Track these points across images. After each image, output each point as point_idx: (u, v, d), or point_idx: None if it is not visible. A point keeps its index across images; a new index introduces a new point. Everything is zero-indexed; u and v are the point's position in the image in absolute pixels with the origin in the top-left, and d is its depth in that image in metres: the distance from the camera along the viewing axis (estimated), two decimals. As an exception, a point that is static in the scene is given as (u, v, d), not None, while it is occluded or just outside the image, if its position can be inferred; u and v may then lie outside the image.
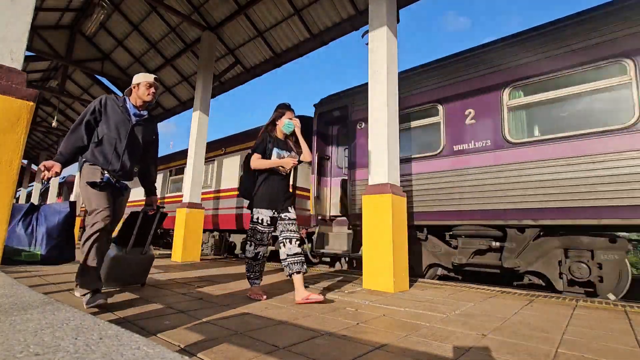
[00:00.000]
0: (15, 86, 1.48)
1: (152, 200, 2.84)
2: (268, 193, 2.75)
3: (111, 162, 2.33)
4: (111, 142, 2.35)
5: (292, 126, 2.84)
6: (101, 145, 2.33)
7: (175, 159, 10.00)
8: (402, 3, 4.72)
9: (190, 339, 1.60)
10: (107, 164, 2.32)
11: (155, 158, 2.79)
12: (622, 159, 3.31)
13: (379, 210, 3.49)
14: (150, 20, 8.04)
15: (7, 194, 1.42)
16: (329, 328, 1.89)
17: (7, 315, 0.44)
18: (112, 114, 2.39)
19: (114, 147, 2.35)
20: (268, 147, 2.79)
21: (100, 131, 2.35)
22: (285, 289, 3.17)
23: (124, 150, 2.39)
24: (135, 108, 2.49)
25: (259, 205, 2.74)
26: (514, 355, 1.53)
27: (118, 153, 2.37)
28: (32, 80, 11.22)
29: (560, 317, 2.34)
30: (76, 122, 2.30)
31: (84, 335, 0.39)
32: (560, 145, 3.67)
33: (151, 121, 2.63)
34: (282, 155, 2.81)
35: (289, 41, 6.87)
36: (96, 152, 2.32)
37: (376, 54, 3.86)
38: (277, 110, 2.93)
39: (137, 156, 2.53)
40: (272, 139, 2.84)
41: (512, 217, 3.88)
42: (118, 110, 2.42)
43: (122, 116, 2.42)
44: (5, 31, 1.52)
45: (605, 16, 3.61)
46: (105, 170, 2.31)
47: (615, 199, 3.29)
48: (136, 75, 2.53)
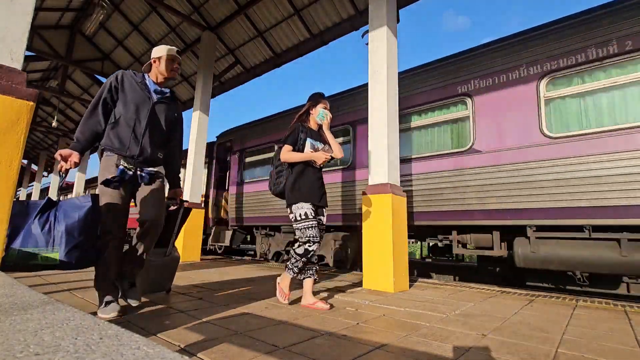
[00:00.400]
0: (15, 86, 1.48)
1: (176, 194, 2.49)
2: (306, 186, 2.51)
3: (129, 147, 2.03)
4: (129, 124, 2.04)
5: (325, 116, 2.63)
6: (117, 127, 2.03)
7: None
8: (402, 3, 4.73)
9: (190, 339, 1.60)
10: (124, 149, 2.02)
11: (180, 143, 2.43)
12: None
13: (379, 210, 3.49)
14: (150, 20, 8.05)
15: (7, 194, 1.42)
16: (329, 328, 1.89)
17: (7, 315, 0.44)
18: (130, 91, 2.08)
19: (132, 129, 2.04)
20: (300, 138, 2.57)
21: (117, 111, 2.05)
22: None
23: (144, 133, 2.07)
24: (156, 85, 2.20)
25: (300, 199, 2.47)
26: (514, 355, 1.53)
27: (137, 136, 2.05)
28: (32, 80, 11.22)
29: (560, 317, 2.34)
30: (92, 103, 2.01)
31: (84, 335, 0.39)
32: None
33: (174, 100, 2.32)
34: (316, 146, 2.59)
35: (289, 41, 6.87)
36: (112, 135, 2.02)
37: (376, 54, 3.86)
38: (312, 100, 2.73)
39: (160, 140, 2.19)
40: (305, 129, 2.63)
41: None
42: (136, 86, 2.11)
43: (141, 94, 2.11)
44: (5, 31, 1.52)
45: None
46: (121, 158, 2.01)
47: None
48: (156, 48, 2.22)
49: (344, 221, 5.42)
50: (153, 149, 2.12)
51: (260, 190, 6.87)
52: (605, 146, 3.46)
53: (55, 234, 1.81)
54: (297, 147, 2.55)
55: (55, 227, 1.82)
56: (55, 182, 14.81)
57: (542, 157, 3.79)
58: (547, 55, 3.91)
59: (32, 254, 1.75)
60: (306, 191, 2.49)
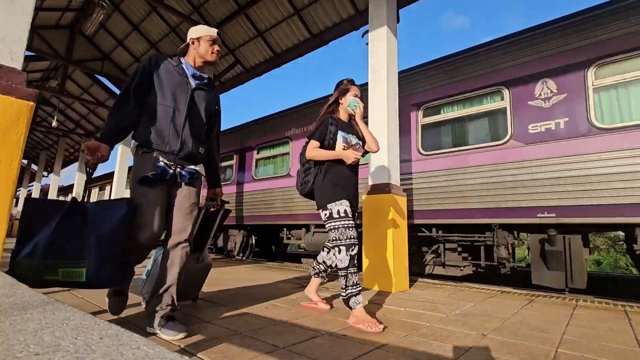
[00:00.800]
0: (15, 86, 1.48)
1: (215, 194, 2.20)
2: (338, 182, 2.21)
3: (168, 142, 1.75)
4: (167, 114, 1.76)
5: (357, 104, 2.32)
6: (154, 117, 1.75)
7: None
8: (402, 3, 4.72)
9: (190, 339, 1.60)
10: (163, 144, 1.75)
11: (219, 137, 2.16)
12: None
13: (379, 210, 3.50)
14: (150, 20, 8.05)
15: (7, 194, 1.43)
16: (329, 328, 1.89)
17: (7, 315, 0.44)
18: (167, 76, 1.81)
19: (171, 120, 1.77)
20: (330, 131, 2.24)
21: (152, 100, 1.78)
22: (287, 289, 3.17)
23: (184, 124, 1.80)
24: (194, 69, 1.93)
25: (335, 197, 2.15)
26: (514, 355, 1.53)
27: (177, 128, 1.78)
28: (32, 80, 11.23)
29: (560, 317, 2.34)
30: (122, 91, 1.75)
31: (84, 335, 0.39)
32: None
33: (213, 87, 2.05)
34: (349, 140, 2.27)
35: (289, 41, 6.87)
36: (148, 128, 1.75)
37: (376, 54, 3.87)
38: (341, 87, 2.42)
39: (200, 132, 1.90)
40: (335, 121, 2.30)
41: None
42: (174, 71, 1.84)
43: (179, 79, 1.84)
44: (5, 31, 1.52)
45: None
46: (160, 154, 1.75)
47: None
48: (193, 28, 1.96)
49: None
50: (194, 143, 1.84)
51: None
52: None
53: (84, 244, 1.46)
54: (328, 142, 2.24)
55: (83, 235, 1.47)
56: (56, 182, 14.79)
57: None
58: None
59: (51, 266, 1.40)
60: (339, 188, 2.19)
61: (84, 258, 1.45)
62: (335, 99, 2.40)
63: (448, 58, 4.65)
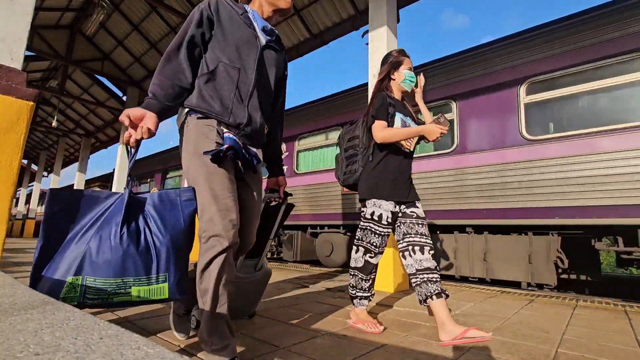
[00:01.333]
0: (15, 86, 1.48)
1: (278, 183, 1.76)
2: (390, 177, 1.90)
3: (232, 111, 1.32)
4: (231, 75, 1.34)
5: (415, 79, 1.99)
6: (214, 79, 1.33)
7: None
8: (402, 3, 4.72)
9: (190, 339, 1.60)
10: (225, 114, 1.31)
11: (283, 111, 1.71)
12: None
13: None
14: (150, 20, 8.05)
15: (7, 194, 1.43)
16: (329, 328, 1.89)
17: (7, 315, 0.44)
18: (231, 26, 1.38)
19: (236, 84, 1.34)
20: (389, 112, 1.91)
21: (212, 56, 1.35)
22: (287, 289, 3.17)
23: (252, 91, 1.37)
24: (264, 21, 1.50)
25: (377, 195, 1.88)
26: (514, 355, 1.53)
27: (242, 95, 1.35)
28: (32, 80, 11.23)
29: (560, 317, 2.34)
30: (174, 44, 1.31)
31: (84, 335, 0.39)
32: None
33: (283, 47, 1.63)
34: (407, 124, 1.94)
35: (289, 41, 6.87)
36: (206, 92, 1.31)
37: (376, 54, 3.87)
38: (391, 59, 2.03)
39: (268, 103, 1.51)
40: (392, 100, 1.96)
41: None
42: (239, 20, 1.41)
43: (247, 32, 1.41)
44: (5, 31, 1.52)
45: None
46: (222, 126, 1.31)
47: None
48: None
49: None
50: (262, 117, 1.42)
51: None
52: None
53: (158, 252, 1.11)
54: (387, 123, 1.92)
55: (153, 240, 1.12)
56: (56, 182, 14.73)
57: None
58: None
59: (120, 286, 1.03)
60: (389, 185, 1.88)
61: (161, 271, 1.11)
62: (386, 73, 2.02)
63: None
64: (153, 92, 1.25)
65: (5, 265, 4.14)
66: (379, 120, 1.88)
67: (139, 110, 1.18)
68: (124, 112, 1.15)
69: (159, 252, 1.12)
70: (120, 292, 1.04)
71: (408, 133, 1.85)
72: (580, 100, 3.83)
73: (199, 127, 1.31)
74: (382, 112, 1.89)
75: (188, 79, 1.31)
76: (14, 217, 17.40)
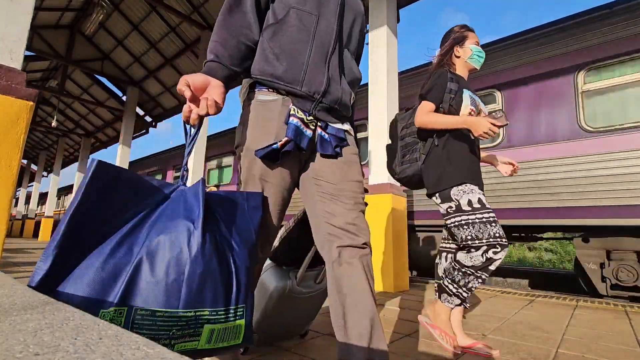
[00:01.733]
0: (15, 86, 1.48)
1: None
2: (466, 161, 1.58)
3: (306, 77, 0.96)
4: (306, 24, 0.99)
5: (483, 56, 1.70)
6: (283, 31, 0.98)
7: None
8: (402, 3, 4.72)
9: (190, 339, 1.60)
10: (297, 81, 0.96)
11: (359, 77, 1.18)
12: None
13: (378, 210, 3.50)
14: (150, 20, 8.05)
15: (6, 194, 1.42)
16: (329, 328, 1.89)
17: (7, 315, 0.44)
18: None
19: (313, 36, 0.99)
20: (451, 90, 1.60)
21: (280, 4, 1.00)
22: (285, 289, 3.16)
23: (334, 48, 1.01)
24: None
25: (463, 178, 1.53)
26: (514, 355, 1.53)
27: (320, 51, 0.99)
28: (32, 80, 11.23)
29: (560, 317, 2.34)
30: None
31: (83, 335, 0.39)
32: None
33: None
34: (477, 102, 1.65)
35: (289, 41, 6.88)
36: (270, 51, 0.97)
37: (376, 54, 3.87)
38: (454, 35, 1.75)
39: (354, 64, 1.11)
40: (456, 76, 1.67)
41: None
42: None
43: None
44: (5, 31, 1.52)
45: None
46: (291, 101, 0.97)
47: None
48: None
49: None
50: (345, 82, 1.06)
51: None
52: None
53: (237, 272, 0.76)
54: (447, 104, 1.61)
55: (229, 254, 0.76)
56: (55, 182, 14.70)
57: None
58: None
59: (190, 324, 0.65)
60: (467, 168, 1.56)
61: (240, 300, 0.74)
62: (449, 47, 1.74)
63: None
64: (215, 53, 0.92)
65: (5, 265, 4.14)
66: (425, 102, 1.62)
67: (200, 77, 0.87)
68: (182, 78, 0.84)
69: (239, 273, 0.75)
70: (188, 333, 0.65)
71: (454, 123, 1.52)
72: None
73: (257, 109, 0.99)
74: (434, 93, 1.62)
75: (256, 35, 0.99)
76: (14, 217, 17.38)
